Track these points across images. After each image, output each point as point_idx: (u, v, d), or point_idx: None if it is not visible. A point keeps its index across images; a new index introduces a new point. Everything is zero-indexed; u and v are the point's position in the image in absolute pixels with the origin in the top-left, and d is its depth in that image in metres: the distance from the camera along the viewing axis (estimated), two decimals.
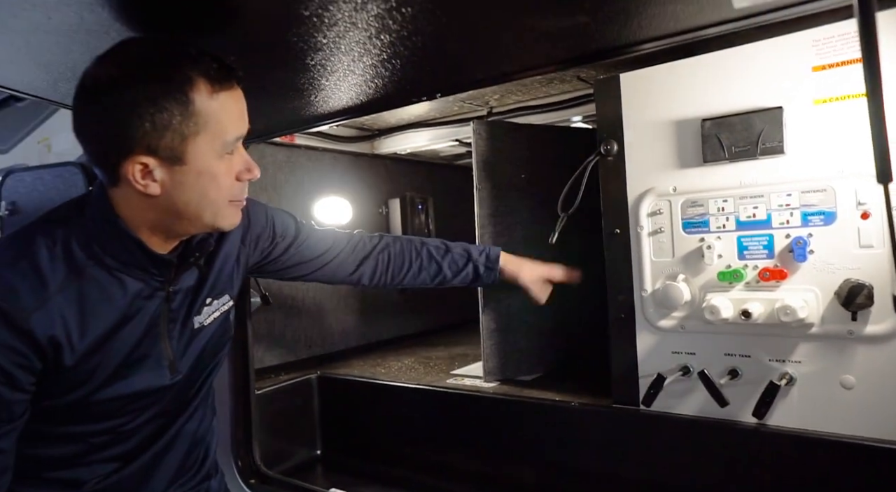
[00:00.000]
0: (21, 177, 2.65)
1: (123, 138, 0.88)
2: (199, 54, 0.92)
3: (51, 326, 0.91)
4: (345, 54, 1.10)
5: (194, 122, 0.90)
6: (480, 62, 1.16)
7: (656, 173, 1.40)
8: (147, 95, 0.87)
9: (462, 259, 1.55)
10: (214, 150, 0.93)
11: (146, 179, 0.92)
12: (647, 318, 1.41)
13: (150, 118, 0.87)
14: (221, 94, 0.93)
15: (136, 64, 0.88)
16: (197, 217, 0.98)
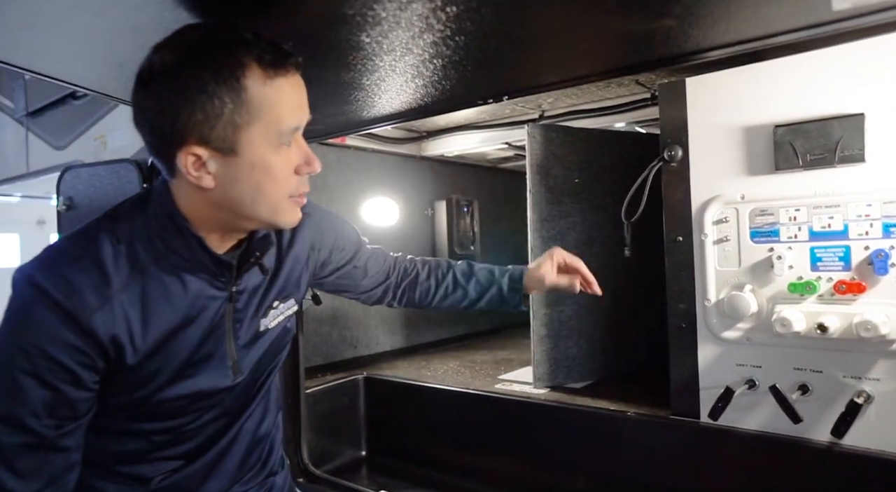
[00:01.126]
0: (78, 173, 2.72)
1: (176, 128, 0.85)
2: (255, 38, 0.87)
3: (113, 326, 0.89)
4: (416, 56, 1.10)
5: (247, 110, 0.85)
6: (552, 66, 1.15)
7: (723, 180, 1.36)
8: (198, 83, 0.83)
9: (487, 280, 1.45)
10: (269, 140, 0.88)
11: (199, 171, 0.88)
12: (710, 328, 1.38)
13: (202, 107, 0.84)
14: (277, 80, 0.87)
15: (187, 50, 0.85)
16: (253, 212, 0.94)
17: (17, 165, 3.60)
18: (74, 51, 1.17)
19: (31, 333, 0.84)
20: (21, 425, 0.86)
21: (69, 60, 1.22)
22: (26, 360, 0.84)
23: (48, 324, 0.85)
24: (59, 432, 0.89)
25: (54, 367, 0.85)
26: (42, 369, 0.85)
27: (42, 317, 0.85)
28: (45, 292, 0.84)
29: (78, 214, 2.70)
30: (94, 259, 0.89)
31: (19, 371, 0.84)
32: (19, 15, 0.97)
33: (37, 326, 0.85)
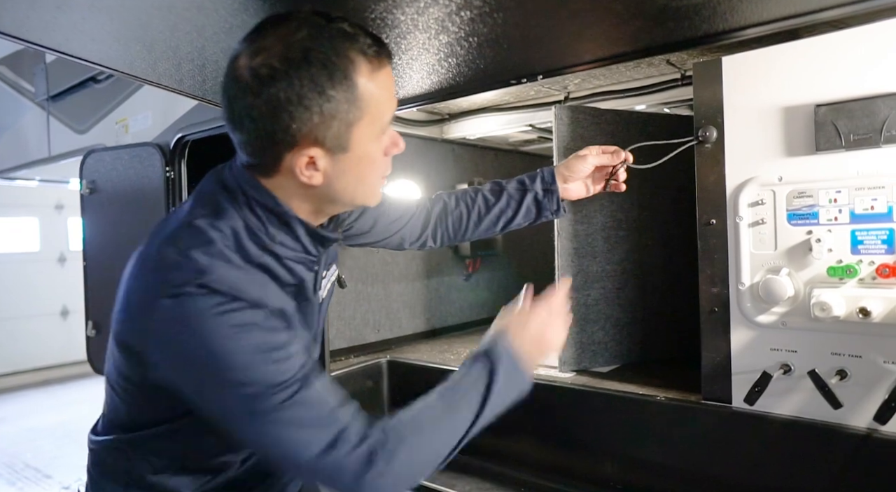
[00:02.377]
0: (101, 157, 2.73)
1: (289, 132, 0.85)
2: (354, 30, 0.87)
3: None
4: (422, 32, 1.08)
5: (357, 107, 0.87)
6: (590, 44, 1.12)
7: (759, 162, 1.33)
8: (313, 86, 0.83)
9: (518, 192, 1.39)
10: (373, 133, 0.91)
11: (310, 170, 0.89)
12: (744, 312, 1.36)
13: (319, 109, 0.84)
14: (380, 74, 0.89)
15: (296, 52, 0.83)
16: (351, 200, 0.97)
17: (39, 149, 3.62)
18: (106, 31, 1.16)
19: (240, 313, 0.84)
20: (299, 360, 0.87)
21: (100, 41, 1.21)
22: (257, 327, 0.85)
23: (245, 304, 0.85)
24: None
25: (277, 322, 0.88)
26: (276, 323, 0.87)
27: (237, 304, 0.84)
28: (221, 292, 0.83)
29: (101, 197, 2.72)
30: (222, 258, 0.88)
31: (263, 329, 0.85)
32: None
33: (240, 304, 0.84)
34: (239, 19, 1.09)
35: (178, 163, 2.51)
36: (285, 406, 0.84)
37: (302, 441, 0.84)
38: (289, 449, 0.85)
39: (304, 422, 0.85)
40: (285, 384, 0.84)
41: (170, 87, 1.46)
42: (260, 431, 0.85)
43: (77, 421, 5.72)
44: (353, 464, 0.85)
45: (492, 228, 1.42)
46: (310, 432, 0.85)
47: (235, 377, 0.83)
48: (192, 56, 1.27)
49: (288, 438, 0.84)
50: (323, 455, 0.84)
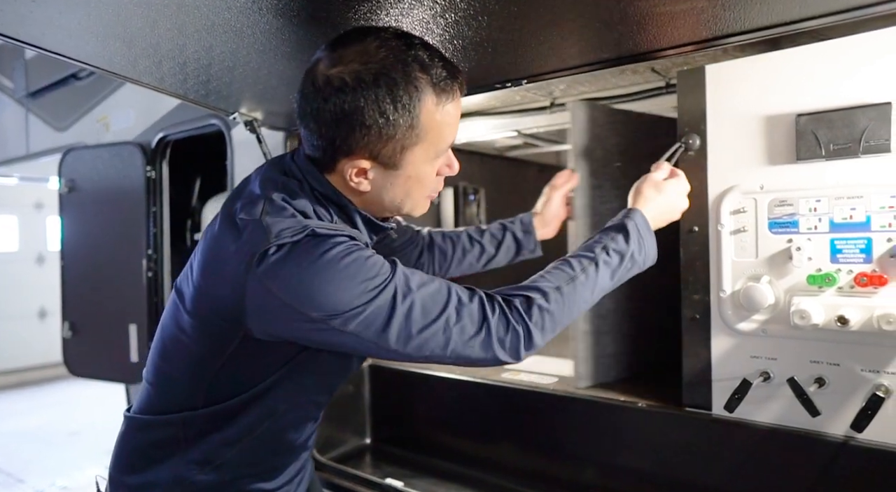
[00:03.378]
0: (80, 155, 2.69)
1: (347, 141, 0.92)
2: (430, 57, 0.92)
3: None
4: (436, 37, 1.07)
5: (416, 133, 0.92)
6: (575, 49, 1.12)
7: (741, 170, 1.34)
8: (377, 108, 0.89)
9: (499, 232, 1.56)
10: (428, 157, 0.97)
11: (359, 178, 0.96)
12: (725, 320, 1.36)
13: (378, 129, 0.90)
14: (447, 105, 0.94)
15: (369, 72, 0.89)
16: (397, 209, 1.04)
17: (17, 146, 3.56)
18: (83, 27, 1.14)
19: (368, 264, 0.91)
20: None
21: (77, 37, 1.19)
22: (365, 253, 0.92)
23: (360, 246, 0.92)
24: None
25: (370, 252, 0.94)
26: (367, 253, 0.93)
27: (342, 239, 0.91)
28: (326, 235, 0.90)
29: (80, 196, 2.68)
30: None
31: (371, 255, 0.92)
32: None
33: (349, 247, 0.91)
34: (221, 17, 1.07)
35: (160, 162, 2.48)
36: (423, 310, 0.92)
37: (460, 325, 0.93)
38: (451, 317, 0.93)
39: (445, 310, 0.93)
40: (409, 291, 0.92)
41: (150, 85, 1.44)
42: (423, 337, 0.91)
43: (54, 424, 5.62)
44: (510, 345, 0.96)
45: (474, 264, 1.54)
46: (457, 316, 0.93)
47: (368, 297, 0.88)
48: (172, 54, 1.25)
49: (451, 328, 0.92)
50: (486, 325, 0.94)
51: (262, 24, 1.09)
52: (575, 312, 1.07)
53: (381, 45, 0.90)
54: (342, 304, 0.87)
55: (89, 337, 2.65)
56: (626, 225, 1.17)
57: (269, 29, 1.09)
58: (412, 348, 0.91)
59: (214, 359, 0.98)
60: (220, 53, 1.23)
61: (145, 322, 2.44)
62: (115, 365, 2.51)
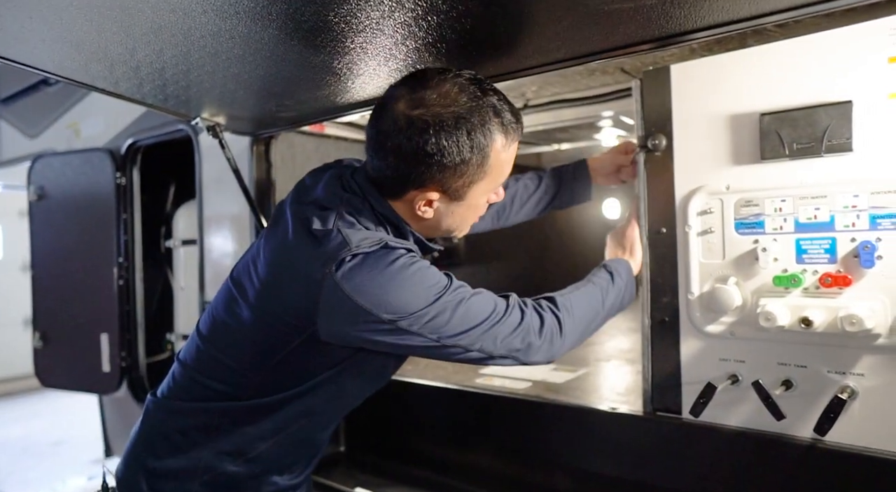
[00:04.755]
0: (50, 162, 2.65)
1: (423, 176, 1.03)
2: (501, 102, 1.02)
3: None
4: (388, 37, 1.05)
5: (484, 170, 1.04)
6: (530, 48, 1.10)
7: (708, 170, 1.32)
8: (456, 149, 0.99)
9: (554, 179, 1.63)
10: (488, 189, 1.09)
11: (426, 207, 1.07)
12: (693, 322, 1.34)
13: (453, 167, 1.01)
14: (511, 146, 1.06)
15: (450, 117, 0.98)
16: (446, 232, 1.16)
17: None
18: (27, 29, 1.10)
19: (427, 275, 1.02)
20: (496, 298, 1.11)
21: (22, 40, 1.15)
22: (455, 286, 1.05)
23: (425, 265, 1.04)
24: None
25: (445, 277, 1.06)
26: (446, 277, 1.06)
27: (415, 256, 1.04)
28: (397, 248, 1.02)
29: (49, 203, 2.63)
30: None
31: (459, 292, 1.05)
32: None
33: (424, 269, 1.03)
34: (166, 20, 1.04)
35: (130, 169, 2.44)
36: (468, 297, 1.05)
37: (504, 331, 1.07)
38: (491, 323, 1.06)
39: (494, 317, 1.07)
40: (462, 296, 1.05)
41: (106, 90, 1.40)
42: (474, 333, 1.04)
43: (36, 434, 5.54)
44: (547, 332, 1.13)
45: (531, 212, 1.63)
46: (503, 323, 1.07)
47: (431, 300, 1.00)
48: (123, 58, 1.22)
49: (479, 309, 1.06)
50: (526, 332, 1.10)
51: (209, 26, 1.06)
52: (591, 313, 1.27)
53: (460, 91, 1.00)
54: (411, 306, 0.98)
55: (60, 347, 2.61)
56: (616, 267, 1.38)
57: (216, 30, 1.07)
58: (466, 342, 1.03)
59: (274, 354, 1.06)
60: (171, 57, 1.20)
61: (117, 330, 2.40)
62: (87, 375, 2.47)
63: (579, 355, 2.22)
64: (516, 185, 1.60)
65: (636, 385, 1.76)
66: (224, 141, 1.63)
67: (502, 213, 1.60)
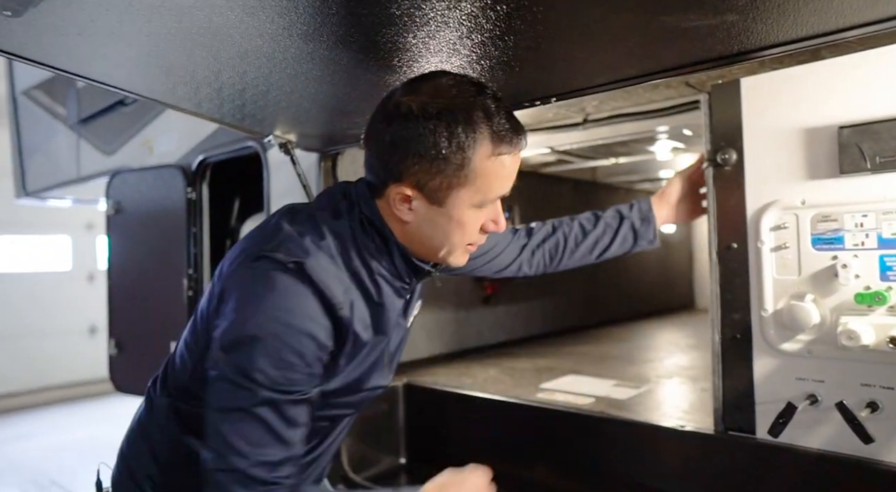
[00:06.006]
0: (126, 178, 2.79)
1: (399, 166, 0.95)
2: (497, 107, 0.94)
3: (350, 319, 0.97)
4: (434, 55, 1.08)
5: (465, 174, 0.93)
6: (604, 66, 1.11)
7: (781, 185, 1.30)
8: (434, 139, 0.91)
9: (615, 220, 1.48)
10: (472, 202, 0.96)
11: (403, 205, 0.98)
12: (767, 340, 1.31)
13: (429, 161, 0.92)
14: (501, 157, 0.95)
15: (434, 106, 0.92)
16: (432, 250, 1.03)
17: (69, 169, 3.72)
18: (125, 57, 1.18)
19: (298, 316, 0.90)
20: (289, 388, 0.91)
21: (120, 66, 1.23)
22: (294, 339, 0.90)
23: (312, 308, 0.92)
24: (312, 393, 0.96)
25: (314, 347, 0.92)
26: (306, 348, 0.91)
27: (308, 301, 0.91)
28: (310, 278, 0.92)
29: (125, 217, 2.77)
30: (329, 253, 0.98)
31: (287, 349, 0.89)
32: (77, 20, 0.98)
33: (304, 309, 0.91)
34: (253, 44, 1.10)
35: (200, 184, 2.55)
36: (267, 408, 0.90)
37: (250, 449, 0.89)
38: (233, 451, 0.89)
39: (263, 431, 0.90)
40: (287, 392, 0.91)
41: (189, 110, 1.48)
42: (224, 419, 0.91)
43: (102, 437, 5.77)
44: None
45: (587, 255, 1.49)
46: (260, 444, 0.90)
47: (248, 352, 0.89)
48: (208, 80, 1.28)
49: (245, 439, 0.89)
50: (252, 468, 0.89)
51: (292, 50, 1.11)
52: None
53: (453, 85, 0.94)
54: (240, 338, 0.93)
55: (134, 354, 2.73)
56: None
57: (299, 54, 1.12)
58: (211, 418, 0.92)
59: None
60: (253, 78, 1.26)
61: None
62: None
63: (639, 372, 2.19)
64: (571, 224, 1.49)
65: (702, 403, 1.72)
66: (295, 157, 1.69)
67: (555, 254, 1.48)
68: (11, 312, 7.21)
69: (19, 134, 4.29)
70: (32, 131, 4.12)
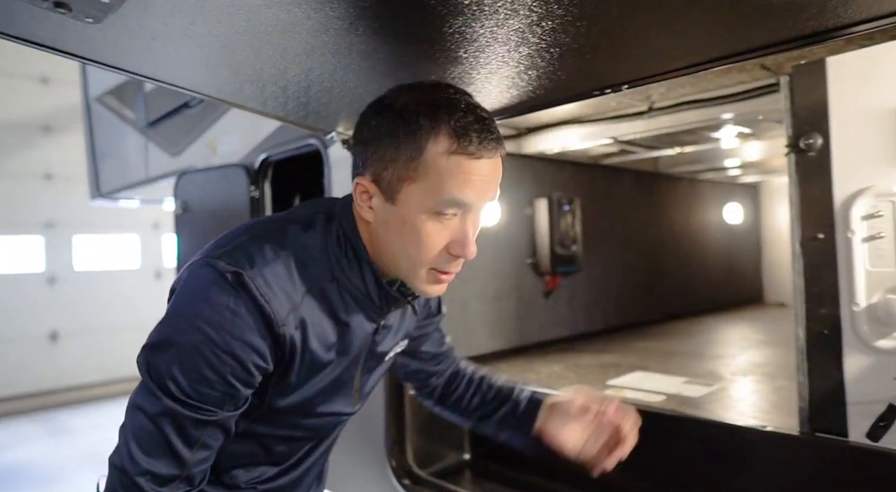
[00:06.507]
0: (192, 178, 2.88)
1: (362, 156, 0.92)
2: (467, 110, 0.88)
3: (293, 335, 0.91)
4: (502, 45, 1.04)
5: (415, 167, 0.87)
6: (680, 49, 1.05)
7: (874, 171, 1.21)
8: (391, 129, 0.88)
9: (507, 390, 1.24)
10: (425, 204, 0.88)
11: (364, 201, 0.93)
12: (860, 336, 1.23)
13: (384, 149, 0.89)
14: (460, 156, 0.86)
15: (407, 99, 0.90)
16: (394, 263, 0.95)
17: (138, 171, 3.87)
18: (195, 58, 1.20)
19: (223, 331, 0.84)
20: (198, 405, 0.86)
21: (190, 68, 1.25)
22: (213, 354, 0.84)
23: (242, 325, 0.85)
24: (225, 416, 0.90)
25: (237, 367, 0.86)
26: (226, 367, 0.85)
27: (238, 316, 0.85)
28: (247, 290, 0.85)
29: (192, 216, 2.86)
30: (286, 265, 0.91)
31: (204, 363, 0.84)
32: (151, 24, 1.00)
33: (231, 325, 0.85)
34: (319, 40, 1.09)
35: (262, 182, 2.60)
36: (168, 420, 0.85)
37: (142, 455, 0.85)
38: (127, 452, 0.85)
39: (161, 443, 0.85)
40: (195, 408, 0.85)
41: (255, 109, 1.50)
42: (132, 418, 0.86)
43: None
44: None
45: (464, 411, 1.28)
46: (156, 455, 0.86)
47: (165, 357, 0.85)
48: (275, 78, 1.29)
49: (139, 444, 0.85)
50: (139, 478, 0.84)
51: (358, 45, 1.10)
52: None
53: (439, 90, 0.91)
54: (162, 333, 0.89)
55: None
56: None
57: (365, 49, 1.10)
58: (128, 418, 0.88)
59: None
60: (318, 75, 1.26)
61: None
62: None
63: (710, 369, 2.11)
64: (488, 390, 1.26)
65: (781, 402, 1.64)
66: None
67: (447, 397, 1.29)
68: (92, 308, 7.60)
69: (93, 139, 4.50)
70: (105, 136, 4.31)
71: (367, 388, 1.11)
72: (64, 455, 4.79)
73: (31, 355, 7.06)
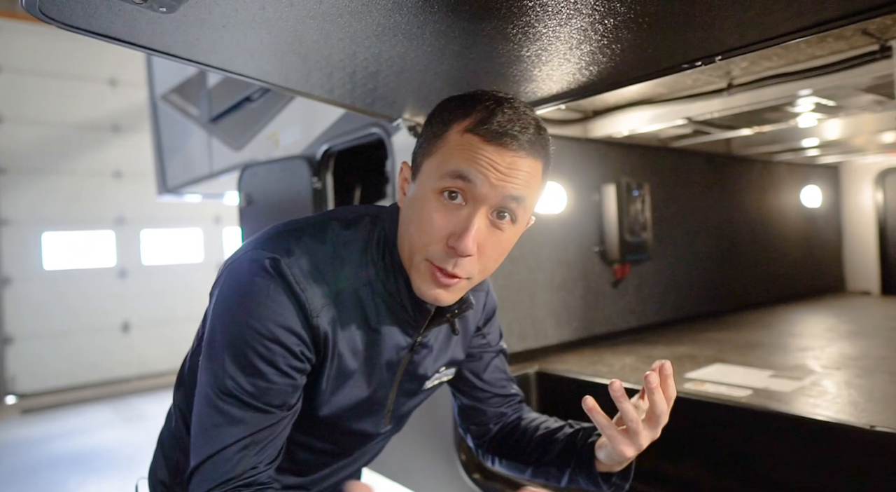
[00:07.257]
0: (255, 171, 2.91)
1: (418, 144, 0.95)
2: (496, 104, 0.88)
3: (328, 328, 0.90)
4: (586, 17, 0.97)
5: (435, 143, 0.90)
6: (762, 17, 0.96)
7: None
8: (434, 114, 0.94)
9: (569, 440, 1.13)
10: (432, 177, 0.88)
11: (404, 184, 0.97)
12: None
13: (424, 133, 0.94)
14: (474, 137, 0.86)
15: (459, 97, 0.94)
16: (404, 253, 0.92)
17: (202, 166, 3.97)
18: (264, 46, 1.18)
19: (266, 321, 0.85)
20: (259, 405, 0.86)
21: (258, 57, 1.24)
22: (262, 346, 0.85)
23: (283, 311, 0.85)
24: (282, 416, 0.88)
25: (287, 354, 0.86)
26: (277, 356, 0.85)
27: (277, 303, 0.85)
28: (283, 277, 0.86)
29: (255, 209, 2.89)
30: (323, 259, 0.91)
31: (256, 355, 0.85)
32: (223, 11, 0.98)
33: (273, 313, 0.85)
34: (391, 20, 1.05)
35: (324, 173, 2.60)
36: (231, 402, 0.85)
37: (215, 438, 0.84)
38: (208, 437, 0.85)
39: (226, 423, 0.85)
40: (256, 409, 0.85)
41: (321, 97, 1.48)
42: (202, 408, 0.87)
43: None
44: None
45: (521, 468, 1.18)
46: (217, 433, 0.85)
47: (226, 355, 0.85)
48: (343, 64, 1.26)
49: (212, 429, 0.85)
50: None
51: (431, 24, 1.05)
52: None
53: (492, 90, 0.94)
54: (226, 328, 0.89)
55: None
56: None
57: (439, 28, 1.06)
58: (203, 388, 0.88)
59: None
60: (388, 59, 1.22)
61: None
62: None
63: (798, 362, 1.98)
64: (549, 438, 1.14)
65: (888, 399, 1.51)
66: None
67: (502, 446, 1.19)
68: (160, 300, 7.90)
69: (159, 136, 4.64)
70: (170, 133, 4.44)
71: (401, 410, 1.08)
72: (138, 440, 5.00)
73: (106, 345, 7.43)
